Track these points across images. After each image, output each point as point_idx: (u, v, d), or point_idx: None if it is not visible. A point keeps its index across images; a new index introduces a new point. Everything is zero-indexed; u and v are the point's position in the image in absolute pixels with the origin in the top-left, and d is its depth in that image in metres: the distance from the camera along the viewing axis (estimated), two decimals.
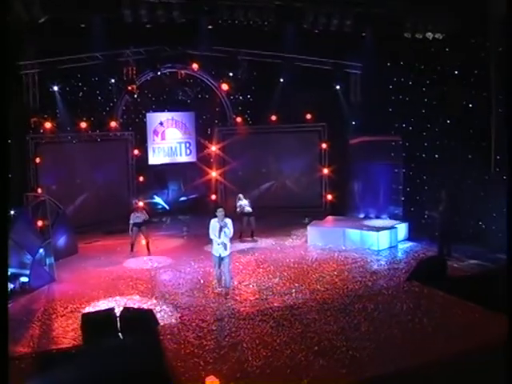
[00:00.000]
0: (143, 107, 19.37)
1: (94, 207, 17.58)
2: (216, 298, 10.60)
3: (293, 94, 18.38)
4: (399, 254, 13.61)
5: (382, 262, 12.88)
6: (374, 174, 16.89)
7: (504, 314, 5.56)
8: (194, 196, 20.77)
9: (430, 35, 15.28)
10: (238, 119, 20.07)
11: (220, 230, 10.36)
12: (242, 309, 9.85)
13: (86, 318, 7.39)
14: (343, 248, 14.15)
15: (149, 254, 14.44)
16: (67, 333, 9.04)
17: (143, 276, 12.41)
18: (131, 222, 14.46)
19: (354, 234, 14.44)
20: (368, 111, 16.74)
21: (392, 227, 14.53)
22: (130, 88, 17.86)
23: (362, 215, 16.99)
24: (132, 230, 14.48)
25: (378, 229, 14.26)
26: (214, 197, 20.37)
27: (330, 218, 16.48)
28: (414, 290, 9.59)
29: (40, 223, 13.34)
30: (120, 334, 7.00)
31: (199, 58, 18.63)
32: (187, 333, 6.70)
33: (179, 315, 9.63)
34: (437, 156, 14.81)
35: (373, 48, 15.99)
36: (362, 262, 12.94)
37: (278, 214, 18.19)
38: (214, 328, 7.04)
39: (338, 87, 18.48)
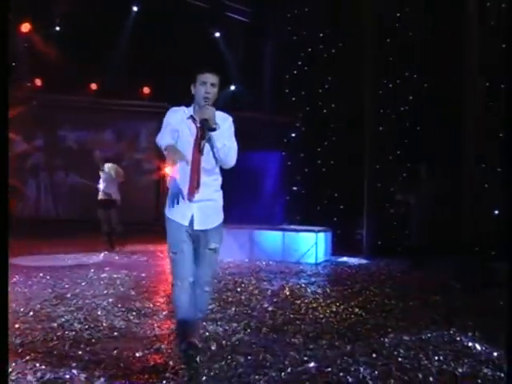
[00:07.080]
0: None
1: None
2: None
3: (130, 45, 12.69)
4: (360, 274, 7.85)
5: (345, 293, 6.24)
6: (252, 172, 12.06)
7: None
8: None
9: None
10: (38, 82, 13.57)
11: (202, 132, 3.33)
12: None
13: None
14: (248, 261, 8.70)
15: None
16: None
17: None
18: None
19: (271, 237, 8.97)
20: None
21: (327, 230, 9.51)
22: None
23: None
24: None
25: (315, 230, 9.04)
26: None
27: None
28: None
29: None
30: None
31: None
32: None
33: None
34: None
35: None
36: (297, 289, 6.49)
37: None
38: None
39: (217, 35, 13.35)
